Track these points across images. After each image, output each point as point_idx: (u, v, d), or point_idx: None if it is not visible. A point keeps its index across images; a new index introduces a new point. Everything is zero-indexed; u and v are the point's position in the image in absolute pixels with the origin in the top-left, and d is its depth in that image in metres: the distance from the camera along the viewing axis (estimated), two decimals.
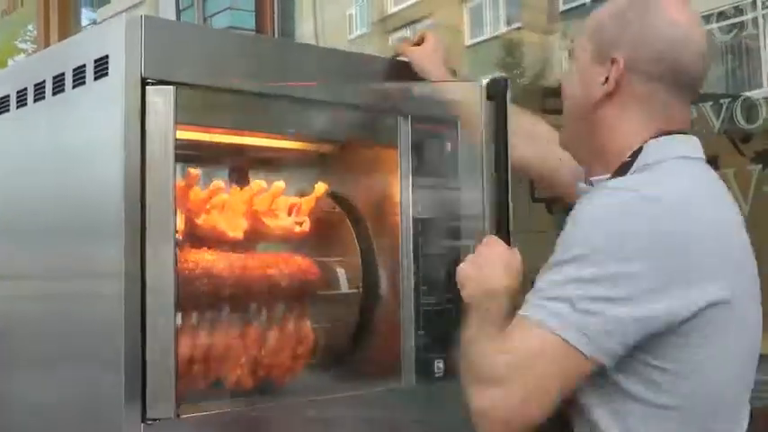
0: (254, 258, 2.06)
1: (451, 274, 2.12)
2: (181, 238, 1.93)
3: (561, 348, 1.35)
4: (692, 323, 1.36)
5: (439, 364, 2.14)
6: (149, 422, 1.68)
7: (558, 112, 4.01)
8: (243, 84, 1.89)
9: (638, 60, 1.50)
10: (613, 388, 1.40)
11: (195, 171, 2.01)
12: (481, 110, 1.88)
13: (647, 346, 1.36)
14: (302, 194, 2.27)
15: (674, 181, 1.46)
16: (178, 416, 1.72)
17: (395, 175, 2.10)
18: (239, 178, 2.47)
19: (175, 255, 1.75)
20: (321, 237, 2.25)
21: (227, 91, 1.87)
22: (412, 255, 2.10)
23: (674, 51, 1.50)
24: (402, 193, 2.10)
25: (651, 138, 1.50)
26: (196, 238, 2.03)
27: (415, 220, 2.10)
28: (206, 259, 1.94)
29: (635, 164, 1.49)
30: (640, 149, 1.50)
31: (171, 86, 1.75)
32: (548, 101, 4.00)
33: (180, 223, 1.92)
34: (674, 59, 1.50)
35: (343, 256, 2.25)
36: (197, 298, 1.91)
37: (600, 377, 1.39)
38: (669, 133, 1.52)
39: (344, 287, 2.23)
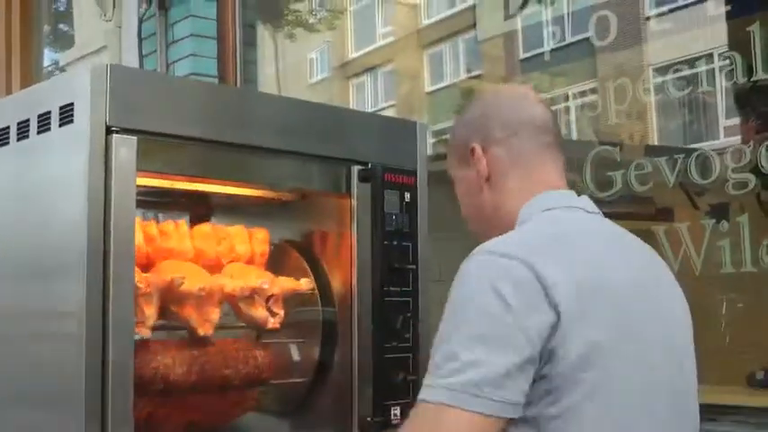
0: (214, 356, 2.08)
1: (408, 322, 2.19)
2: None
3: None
4: (555, 367, 1.36)
5: (395, 411, 2.17)
6: None
7: None
8: (204, 133, 1.93)
9: (489, 134, 1.61)
10: None
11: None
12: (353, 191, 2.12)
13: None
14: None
15: (525, 231, 1.52)
16: None
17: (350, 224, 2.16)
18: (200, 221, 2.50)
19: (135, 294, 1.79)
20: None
21: (188, 139, 1.91)
22: (370, 301, 2.13)
23: (513, 109, 1.61)
24: (358, 241, 2.14)
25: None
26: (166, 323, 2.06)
27: (373, 269, 2.13)
28: (164, 363, 1.97)
29: None
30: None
31: (134, 136, 1.78)
32: None
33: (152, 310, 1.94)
34: (517, 114, 1.60)
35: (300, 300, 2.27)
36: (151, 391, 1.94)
37: None
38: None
39: (296, 375, 2.26)
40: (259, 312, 2.11)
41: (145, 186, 1.97)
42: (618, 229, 1.62)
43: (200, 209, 2.51)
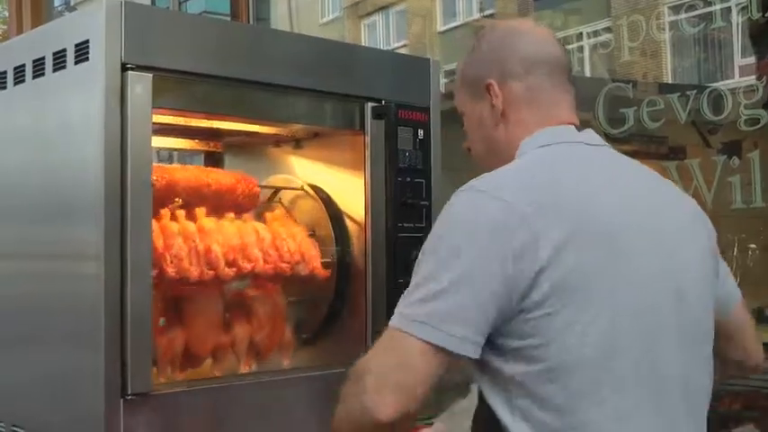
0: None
1: None
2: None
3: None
4: (534, 297, 1.36)
5: None
6: (129, 397, 1.74)
7: None
8: (218, 69, 1.94)
9: (506, 70, 1.60)
10: (493, 370, 1.43)
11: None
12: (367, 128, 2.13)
13: (504, 327, 1.38)
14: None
15: (514, 167, 1.52)
16: (155, 391, 1.78)
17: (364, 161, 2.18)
18: (214, 163, 2.53)
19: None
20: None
21: (202, 76, 1.92)
22: (384, 237, 2.16)
23: (529, 45, 1.61)
24: (371, 178, 2.17)
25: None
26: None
27: (387, 205, 2.16)
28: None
29: None
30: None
31: (149, 73, 1.80)
32: None
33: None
34: (534, 50, 1.60)
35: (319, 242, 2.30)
36: (174, 281, 1.96)
37: (482, 364, 1.41)
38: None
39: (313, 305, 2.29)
40: None
41: (160, 124, 1.99)
42: (622, 161, 1.61)
43: (214, 149, 2.54)
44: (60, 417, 1.87)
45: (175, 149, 2.59)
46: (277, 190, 2.37)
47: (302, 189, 2.32)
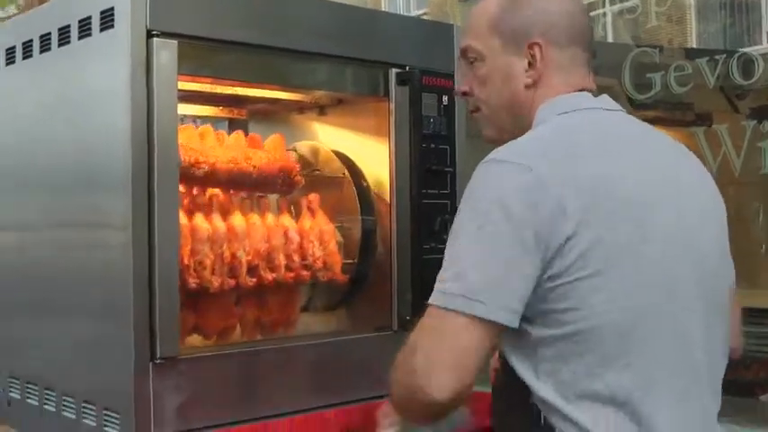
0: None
1: (446, 223, 2.22)
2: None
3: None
4: (563, 264, 1.36)
5: None
6: (158, 361, 1.76)
7: None
8: (243, 36, 1.94)
9: (553, 34, 1.57)
10: (520, 333, 1.43)
11: None
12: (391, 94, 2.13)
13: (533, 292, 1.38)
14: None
15: (535, 135, 1.51)
16: (183, 355, 1.80)
17: (388, 127, 2.18)
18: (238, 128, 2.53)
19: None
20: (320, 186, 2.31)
21: (227, 43, 1.92)
22: (408, 204, 2.16)
23: (571, 16, 1.58)
24: (396, 145, 2.16)
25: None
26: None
27: (412, 171, 2.16)
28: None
29: None
30: None
31: (175, 40, 1.80)
32: None
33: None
34: (573, 21, 1.58)
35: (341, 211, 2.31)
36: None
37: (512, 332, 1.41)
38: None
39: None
40: None
41: (184, 91, 1.99)
42: (640, 127, 1.60)
43: (238, 116, 2.54)
44: (91, 381, 1.90)
45: (200, 117, 2.59)
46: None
47: (343, 175, 2.31)
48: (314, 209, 2.23)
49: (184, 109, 2.38)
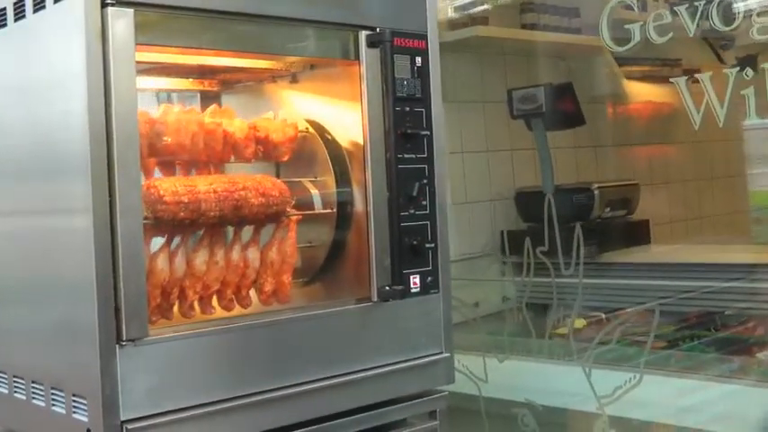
0: (226, 182, 2.03)
1: (424, 189, 2.16)
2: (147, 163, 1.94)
3: None
4: None
5: (414, 279, 2.16)
6: (124, 343, 1.71)
7: (535, 27, 3.96)
8: (204, 2, 1.86)
9: None
10: None
11: None
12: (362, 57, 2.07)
13: None
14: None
15: None
16: (151, 336, 1.75)
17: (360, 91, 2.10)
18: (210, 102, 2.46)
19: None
20: (294, 158, 2.24)
21: (187, 9, 1.84)
22: (384, 169, 2.10)
23: None
24: (369, 109, 2.09)
25: None
26: (163, 162, 2.04)
27: (386, 135, 2.09)
28: (176, 185, 1.93)
29: None
30: None
31: (131, 8, 1.73)
32: (525, 16, 3.96)
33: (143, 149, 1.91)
34: None
35: (316, 176, 2.24)
36: (168, 222, 1.91)
37: None
38: None
39: (319, 207, 2.23)
40: None
41: (148, 63, 1.92)
42: None
43: (209, 88, 2.47)
44: (60, 366, 1.84)
45: (171, 90, 2.52)
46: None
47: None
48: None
49: (151, 82, 2.31)
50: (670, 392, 2.69)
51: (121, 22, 1.72)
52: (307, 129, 2.24)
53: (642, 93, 4.17)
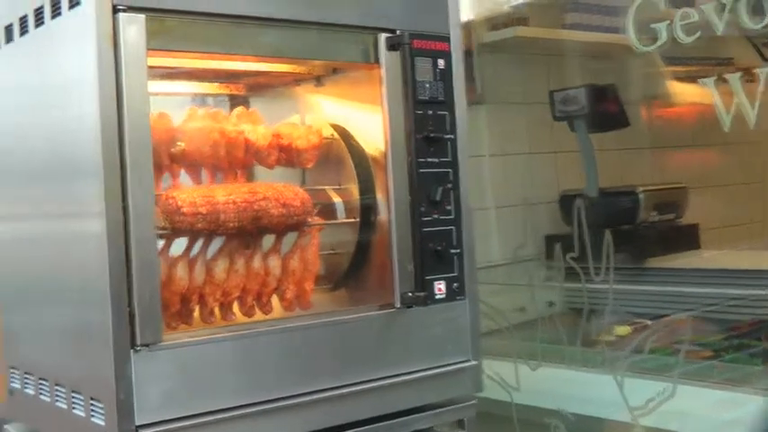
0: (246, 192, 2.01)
1: (448, 193, 2.12)
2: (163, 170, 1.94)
3: None
4: None
5: (439, 286, 2.13)
6: (138, 348, 1.70)
7: (580, 27, 3.87)
8: (218, 6, 1.85)
9: None
10: None
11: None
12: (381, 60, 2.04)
13: None
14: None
15: None
16: (166, 341, 1.74)
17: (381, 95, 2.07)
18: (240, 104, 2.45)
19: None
20: (320, 164, 2.22)
21: (200, 14, 1.84)
22: (406, 173, 2.07)
23: None
24: (390, 113, 2.06)
25: None
26: (189, 166, 2.04)
27: (407, 139, 2.06)
28: (194, 195, 1.92)
29: None
30: None
31: (142, 14, 1.73)
32: (568, 16, 3.89)
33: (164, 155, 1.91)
34: None
35: (340, 184, 2.22)
36: (186, 232, 1.91)
37: None
38: None
39: (342, 216, 2.20)
40: None
41: (160, 67, 1.92)
42: None
43: (236, 92, 2.47)
44: (79, 369, 1.84)
45: (199, 95, 2.52)
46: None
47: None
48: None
49: (179, 87, 2.32)
50: (709, 404, 2.61)
51: (133, 27, 1.72)
52: (332, 135, 2.22)
53: (689, 93, 4.08)
